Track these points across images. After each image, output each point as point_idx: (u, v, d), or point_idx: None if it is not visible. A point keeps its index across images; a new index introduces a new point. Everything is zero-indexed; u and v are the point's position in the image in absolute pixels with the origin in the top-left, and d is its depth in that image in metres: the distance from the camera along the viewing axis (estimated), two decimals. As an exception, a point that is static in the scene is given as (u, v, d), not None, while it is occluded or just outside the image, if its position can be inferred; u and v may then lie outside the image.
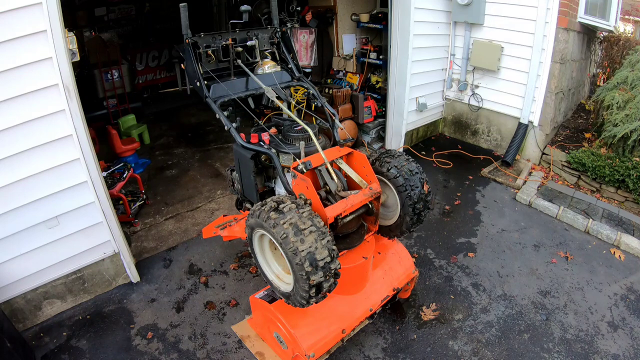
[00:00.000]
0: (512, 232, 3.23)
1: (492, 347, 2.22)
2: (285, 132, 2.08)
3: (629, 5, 8.30)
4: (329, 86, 4.78)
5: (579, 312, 2.48)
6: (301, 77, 2.35)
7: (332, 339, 1.90)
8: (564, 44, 3.84)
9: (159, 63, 6.61)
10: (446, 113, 4.98)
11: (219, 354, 2.15)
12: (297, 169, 1.74)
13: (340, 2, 4.62)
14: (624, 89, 3.88)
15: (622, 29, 6.27)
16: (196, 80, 2.05)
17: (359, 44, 4.90)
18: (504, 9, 3.98)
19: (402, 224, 2.02)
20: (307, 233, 1.45)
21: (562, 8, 3.66)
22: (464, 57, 4.43)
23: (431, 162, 4.32)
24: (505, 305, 2.51)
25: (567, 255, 2.97)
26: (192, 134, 5.18)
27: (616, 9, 4.89)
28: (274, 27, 2.34)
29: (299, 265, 1.44)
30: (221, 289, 2.60)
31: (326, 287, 1.51)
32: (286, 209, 1.51)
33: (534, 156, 4.31)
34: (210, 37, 2.11)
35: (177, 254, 2.90)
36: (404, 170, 1.92)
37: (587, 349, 2.23)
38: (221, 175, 4.06)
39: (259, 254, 1.76)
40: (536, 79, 3.96)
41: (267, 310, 1.93)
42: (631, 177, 3.41)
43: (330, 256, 1.48)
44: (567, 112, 4.90)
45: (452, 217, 3.42)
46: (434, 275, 2.75)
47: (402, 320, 2.38)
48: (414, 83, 4.27)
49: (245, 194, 2.35)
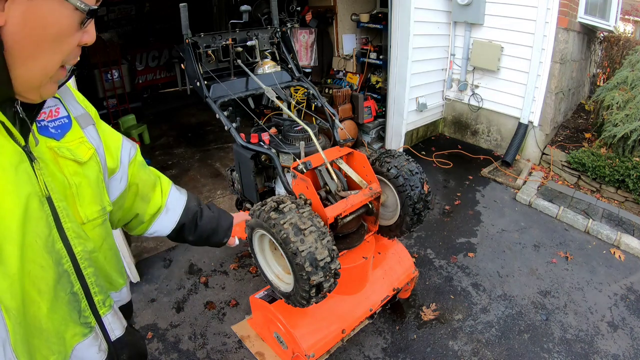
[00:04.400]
0: (512, 232, 3.23)
1: (492, 347, 2.22)
2: (285, 132, 2.08)
3: (629, 5, 8.30)
4: (329, 86, 4.78)
5: (579, 312, 2.48)
6: (301, 77, 2.35)
7: (332, 339, 1.90)
8: (564, 44, 3.84)
9: (159, 63, 6.61)
10: (446, 113, 4.98)
11: (219, 354, 2.15)
12: (297, 169, 1.74)
13: (340, 2, 4.62)
14: (624, 89, 3.89)
15: (622, 29, 6.27)
16: (196, 80, 2.05)
17: (359, 44, 4.90)
18: (504, 9, 3.98)
19: (402, 224, 2.02)
20: (308, 233, 1.45)
21: (562, 8, 3.66)
22: (464, 57, 4.43)
23: (431, 162, 4.32)
24: (505, 305, 2.51)
25: (567, 255, 2.97)
26: (192, 134, 5.18)
27: (616, 9, 4.89)
28: (274, 27, 2.34)
29: (299, 265, 1.44)
30: (221, 289, 2.60)
31: (326, 287, 1.51)
32: (286, 209, 1.50)
33: (534, 156, 4.31)
34: (210, 37, 2.11)
35: (177, 254, 2.91)
36: (404, 170, 1.92)
37: (587, 349, 2.23)
38: (221, 175, 4.06)
39: (259, 254, 1.76)
40: (536, 79, 3.96)
41: (267, 310, 1.93)
42: (631, 177, 3.41)
43: (330, 256, 1.48)
44: (567, 112, 4.90)
45: (452, 217, 3.42)
46: (434, 275, 2.75)
47: (402, 320, 2.38)
48: (414, 83, 4.27)
49: (245, 194, 2.35)
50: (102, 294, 0.78)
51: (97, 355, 0.77)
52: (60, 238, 0.68)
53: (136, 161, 0.99)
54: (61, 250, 0.69)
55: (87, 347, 0.74)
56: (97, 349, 0.76)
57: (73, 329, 0.72)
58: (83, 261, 0.73)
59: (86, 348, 0.74)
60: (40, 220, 0.64)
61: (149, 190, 1.03)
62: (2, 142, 0.61)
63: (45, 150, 0.70)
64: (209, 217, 1.16)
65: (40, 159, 0.67)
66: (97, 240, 0.79)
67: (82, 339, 0.73)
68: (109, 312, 0.81)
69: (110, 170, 0.89)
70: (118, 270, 0.89)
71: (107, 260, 0.83)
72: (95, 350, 0.76)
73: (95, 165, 0.79)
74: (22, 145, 0.63)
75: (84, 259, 0.73)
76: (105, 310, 0.79)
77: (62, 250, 0.69)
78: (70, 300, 0.70)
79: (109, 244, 0.85)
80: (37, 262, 0.64)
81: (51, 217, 0.67)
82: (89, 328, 0.75)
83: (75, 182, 0.73)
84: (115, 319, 0.83)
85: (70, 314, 0.71)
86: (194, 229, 1.12)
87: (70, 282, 0.70)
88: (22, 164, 0.63)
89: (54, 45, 0.58)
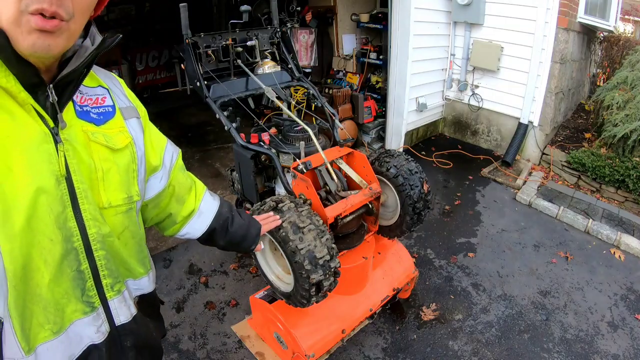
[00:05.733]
0: (512, 232, 3.23)
1: (492, 347, 2.22)
2: (285, 132, 2.08)
3: (629, 5, 8.30)
4: (329, 86, 4.77)
5: (579, 312, 2.48)
6: (301, 77, 2.35)
7: (332, 339, 1.90)
8: (564, 44, 3.84)
9: (159, 63, 6.60)
10: (446, 113, 4.98)
11: (219, 354, 2.15)
12: (297, 169, 1.74)
13: (340, 2, 4.62)
14: (624, 89, 3.89)
15: (622, 29, 6.27)
16: (196, 80, 2.05)
17: (359, 44, 4.90)
18: (504, 9, 3.98)
19: (402, 224, 2.02)
20: (306, 231, 1.45)
21: (562, 8, 3.66)
22: (464, 57, 4.43)
23: (431, 162, 4.32)
24: (505, 305, 2.51)
25: (567, 255, 2.97)
26: (192, 134, 5.18)
27: (616, 9, 4.89)
28: (274, 27, 2.34)
29: (298, 263, 1.44)
30: (221, 289, 2.60)
31: (326, 285, 1.51)
32: (285, 207, 1.51)
33: (534, 156, 4.31)
34: (210, 37, 2.11)
35: (177, 254, 2.90)
36: (404, 170, 1.92)
37: (587, 349, 2.23)
38: (221, 175, 4.06)
39: (259, 254, 1.76)
40: (536, 79, 3.96)
41: (267, 310, 1.93)
42: (631, 177, 3.41)
43: (329, 254, 1.48)
44: (567, 112, 4.90)
45: (452, 217, 3.42)
46: (434, 275, 2.75)
47: (402, 320, 2.38)
48: (414, 83, 4.27)
49: (245, 194, 2.35)
50: (112, 278, 0.80)
51: (95, 335, 0.79)
52: (75, 217, 0.72)
53: (177, 165, 1.04)
54: (73, 228, 0.72)
55: (85, 325, 0.77)
56: (95, 329, 0.78)
57: (75, 304, 0.74)
58: (95, 243, 0.75)
59: (84, 325, 0.77)
60: (54, 198, 0.68)
61: (184, 193, 1.07)
62: (29, 123, 0.66)
63: (78, 132, 0.74)
64: (240, 224, 1.21)
65: (68, 142, 0.71)
66: (117, 226, 0.81)
67: (82, 316, 0.76)
68: (117, 297, 0.82)
69: (153, 168, 0.94)
70: (139, 259, 0.90)
71: (126, 247, 0.85)
72: (93, 330, 0.78)
73: (129, 154, 0.82)
74: (50, 126, 0.68)
75: (97, 241, 0.75)
76: (113, 294, 0.81)
77: (75, 228, 0.72)
78: (75, 277, 0.73)
79: (132, 232, 0.86)
80: (46, 234, 0.67)
81: (67, 197, 0.70)
82: (91, 307, 0.77)
83: (103, 167, 0.76)
84: (123, 305, 0.84)
85: (74, 290, 0.74)
86: (224, 234, 1.17)
87: (78, 260, 0.73)
88: (45, 145, 0.67)
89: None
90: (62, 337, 0.74)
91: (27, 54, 0.62)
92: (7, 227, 0.63)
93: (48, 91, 0.67)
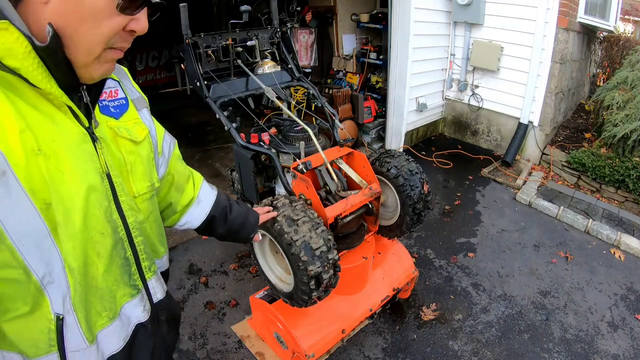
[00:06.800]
0: (512, 232, 3.23)
1: (492, 347, 2.22)
2: (285, 132, 2.08)
3: (629, 5, 8.30)
4: (329, 86, 4.77)
5: (579, 312, 2.48)
6: (301, 77, 2.35)
7: (332, 339, 1.90)
8: (564, 44, 3.84)
9: (159, 63, 6.60)
10: (446, 113, 4.98)
11: (219, 354, 2.15)
12: (297, 169, 1.74)
13: (340, 2, 4.62)
14: (624, 89, 3.89)
15: (622, 29, 6.27)
16: (196, 80, 2.05)
17: (359, 44, 4.90)
18: (504, 9, 3.98)
19: (402, 224, 2.02)
20: (301, 223, 1.46)
21: (562, 8, 3.66)
22: (464, 57, 4.43)
23: (431, 162, 4.32)
24: (505, 305, 2.51)
25: (567, 255, 2.97)
26: (192, 134, 5.18)
27: (616, 9, 4.89)
28: (274, 27, 2.34)
29: (295, 255, 1.44)
30: (221, 289, 2.60)
31: (326, 278, 1.49)
32: (279, 203, 1.54)
33: (534, 156, 4.31)
34: (210, 37, 2.11)
35: (177, 254, 2.90)
36: (404, 170, 1.92)
37: (587, 349, 2.23)
38: (221, 175, 4.06)
39: (259, 255, 1.76)
40: (536, 79, 3.97)
41: (267, 310, 1.93)
42: (631, 177, 3.41)
43: (326, 245, 1.48)
44: (567, 112, 4.90)
45: (452, 217, 3.42)
46: (434, 275, 2.75)
47: (402, 320, 2.38)
48: (414, 83, 4.27)
49: (245, 194, 2.35)
50: (149, 260, 0.87)
51: (142, 314, 0.86)
52: (117, 209, 0.77)
53: (175, 154, 1.08)
54: (117, 220, 0.77)
55: (134, 307, 0.84)
56: (142, 309, 0.86)
57: (123, 289, 0.81)
58: (134, 230, 0.82)
59: (133, 307, 0.84)
60: (101, 194, 0.73)
61: (183, 182, 1.11)
62: (69, 124, 0.69)
63: (106, 129, 0.79)
64: (238, 212, 1.24)
65: (102, 139, 0.76)
66: (146, 212, 0.88)
67: (130, 299, 0.83)
68: (154, 276, 0.90)
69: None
70: (160, 240, 0.98)
71: (152, 230, 0.92)
72: (140, 309, 0.85)
73: (148, 145, 0.88)
74: (85, 126, 0.72)
75: (135, 229, 0.82)
76: (151, 275, 0.89)
77: (118, 220, 0.78)
78: (123, 264, 0.80)
79: (155, 216, 0.93)
80: (98, 229, 0.73)
81: (110, 191, 0.76)
82: (137, 290, 0.84)
83: (130, 160, 0.82)
84: (158, 283, 0.93)
85: (122, 276, 0.80)
86: (223, 222, 1.20)
87: (124, 248, 0.80)
88: (85, 144, 0.71)
89: (93, 24, 0.62)
90: (116, 322, 0.80)
91: (96, 77, 0.69)
92: (69, 227, 0.67)
93: (82, 92, 0.72)
